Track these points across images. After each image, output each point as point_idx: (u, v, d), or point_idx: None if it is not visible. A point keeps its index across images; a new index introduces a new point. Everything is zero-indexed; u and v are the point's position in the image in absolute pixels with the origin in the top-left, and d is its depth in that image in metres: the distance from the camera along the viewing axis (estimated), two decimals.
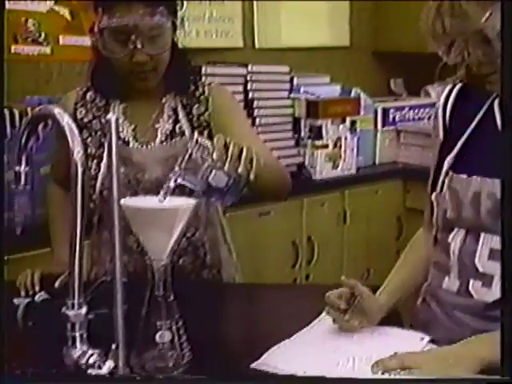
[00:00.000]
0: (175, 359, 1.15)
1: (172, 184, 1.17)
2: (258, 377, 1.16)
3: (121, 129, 1.58)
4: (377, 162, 3.10)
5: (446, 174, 1.31)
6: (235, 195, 1.22)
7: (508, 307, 0.99)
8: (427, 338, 1.27)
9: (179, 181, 1.17)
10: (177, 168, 1.18)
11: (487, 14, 1.12)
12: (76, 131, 1.02)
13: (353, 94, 2.96)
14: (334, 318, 1.31)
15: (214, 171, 1.19)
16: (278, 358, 1.20)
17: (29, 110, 2.08)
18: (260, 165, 1.26)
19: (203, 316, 1.36)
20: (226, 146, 1.21)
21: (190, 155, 1.18)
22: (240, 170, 1.21)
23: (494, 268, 1.23)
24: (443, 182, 1.32)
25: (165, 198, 1.15)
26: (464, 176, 1.28)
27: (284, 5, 3.08)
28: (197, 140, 1.20)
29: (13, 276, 1.58)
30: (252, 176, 1.24)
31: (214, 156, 1.19)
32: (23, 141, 1.11)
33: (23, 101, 2.20)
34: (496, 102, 1.27)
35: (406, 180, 3.01)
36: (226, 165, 1.20)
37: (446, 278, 1.32)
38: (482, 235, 1.25)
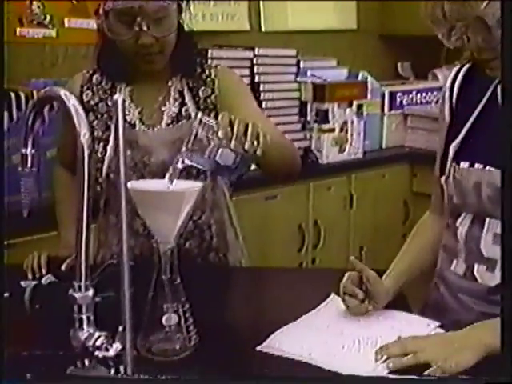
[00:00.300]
0: (182, 342, 1.16)
1: (179, 165, 1.16)
2: (264, 359, 1.16)
3: (127, 111, 1.58)
4: (383, 145, 3.08)
5: (452, 160, 1.31)
6: (243, 172, 1.21)
7: (508, 292, 0.98)
8: (433, 325, 1.26)
9: (186, 162, 1.17)
10: (183, 149, 1.17)
11: (486, 1, 1.10)
12: (82, 113, 1.01)
13: (360, 78, 2.94)
14: (350, 306, 1.29)
15: (220, 149, 1.18)
16: (284, 341, 1.20)
17: (35, 92, 2.07)
18: (267, 141, 1.24)
19: (209, 299, 1.36)
20: (231, 124, 1.21)
21: (196, 135, 1.18)
22: (246, 146, 1.20)
23: (498, 253, 1.23)
24: (449, 168, 1.31)
25: (172, 181, 1.15)
26: (466, 164, 1.28)
27: None
28: (201, 120, 1.19)
29: (20, 259, 1.58)
30: (259, 152, 1.23)
31: (220, 134, 1.18)
32: (29, 123, 1.10)
33: (29, 84, 2.19)
34: (499, 88, 1.26)
35: (412, 164, 3.00)
36: (232, 142, 1.19)
37: (454, 262, 1.32)
38: (487, 220, 1.26)
